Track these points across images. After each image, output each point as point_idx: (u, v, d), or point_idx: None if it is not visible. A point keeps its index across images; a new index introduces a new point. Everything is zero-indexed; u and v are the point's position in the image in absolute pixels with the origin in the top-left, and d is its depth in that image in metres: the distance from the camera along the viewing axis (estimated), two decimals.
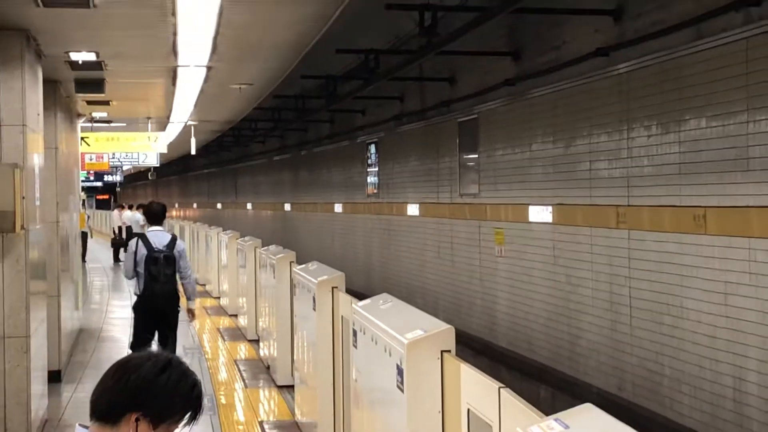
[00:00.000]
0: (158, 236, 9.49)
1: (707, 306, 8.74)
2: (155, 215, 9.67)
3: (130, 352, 9.35)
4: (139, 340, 9.36)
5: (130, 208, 30.75)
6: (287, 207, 29.39)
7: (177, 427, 2.47)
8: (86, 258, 26.72)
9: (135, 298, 9.59)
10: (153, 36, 9.08)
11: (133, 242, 9.49)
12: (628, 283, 10.15)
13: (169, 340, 9.46)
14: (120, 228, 29.96)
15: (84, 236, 25.90)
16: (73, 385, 10.56)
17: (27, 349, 7.89)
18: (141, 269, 9.32)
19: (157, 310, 9.33)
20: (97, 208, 64.32)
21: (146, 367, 2.44)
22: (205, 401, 2.58)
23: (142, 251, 9.32)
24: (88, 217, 29.11)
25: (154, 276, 9.25)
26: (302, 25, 8.78)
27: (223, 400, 9.71)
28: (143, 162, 24.23)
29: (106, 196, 72.71)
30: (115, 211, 31.42)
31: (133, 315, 9.62)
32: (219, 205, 42.14)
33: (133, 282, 9.55)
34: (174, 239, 9.57)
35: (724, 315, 8.51)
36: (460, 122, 15.05)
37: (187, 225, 26.28)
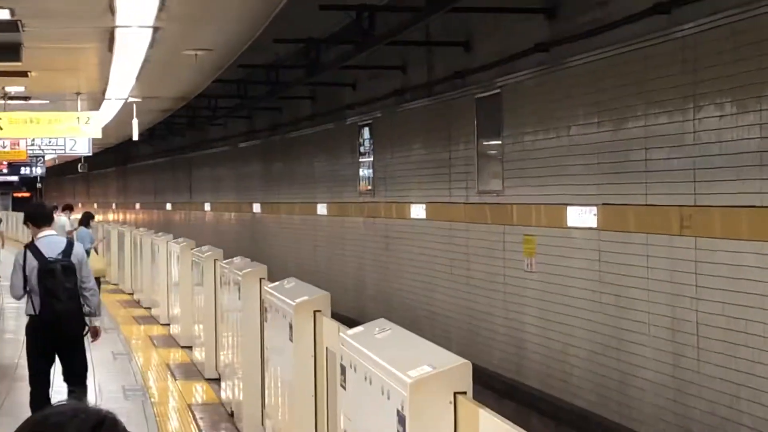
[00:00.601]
0: (51, 242, 9.54)
1: None
2: (46, 216, 9.79)
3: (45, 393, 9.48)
4: (38, 369, 9.53)
5: (55, 209, 30.43)
6: (256, 208, 29.41)
7: None
8: None
9: (27, 318, 9.63)
10: None
11: (19, 254, 9.55)
12: (695, 305, 10.14)
13: (77, 369, 9.66)
14: None
15: None
16: None
17: None
18: (35, 285, 9.34)
19: (60, 334, 9.43)
20: (14, 209, 64.25)
21: (71, 429, 2.39)
22: None
23: (33, 263, 9.36)
24: (0, 220, 29.04)
25: (52, 292, 9.28)
26: None
27: None
28: (71, 150, 24.15)
29: (27, 194, 72.56)
30: None
31: (25, 339, 9.71)
32: (168, 206, 42.16)
33: (24, 301, 9.60)
34: (71, 244, 9.67)
35: None
36: (478, 99, 15.06)
37: (127, 231, 26.29)
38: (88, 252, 21.13)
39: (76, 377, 9.61)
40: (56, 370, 9.89)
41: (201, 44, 12.57)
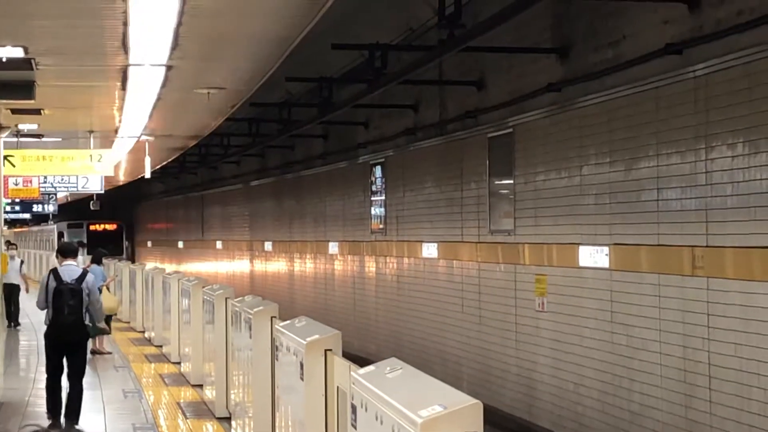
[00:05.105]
0: (70, 270, 11.90)
1: None
2: (71, 251, 12.36)
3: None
4: (52, 364, 12.07)
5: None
6: (268, 246, 29.42)
7: None
8: (18, 321, 26.15)
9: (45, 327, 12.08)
10: (98, 27, 9.12)
11: (45, 276, 12.07)
12: (707, 346, 10.11)
13: (76, 369, 11.97)
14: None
15: (12, 290, 25.23)
16: None
17: None
18: (50, 301, 11.78)
19: (64, 340, 11.88)
20: (90, 246, 46.03)
21: None
22: None
23: (52, 284, 11.74)
24: (22, 261, 28.54)
25: (59, 307, 11.69)
26: (288, 12, 8.82)
27: None
28: (83, 188, 24.21)
29: (112, 226, 50.46)
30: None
31: (44, 341, 12.29)
32: (180, 244, 42.19)
33: (45, 312, 12.05)
34: (84, 273, 12.05)
35: None
36: (491, 138, 15.07)
37: (138, 269, 26.30)
38: (99, 290, 21.13)
39: (75, 376, 11.95)
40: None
41: (213, 83, 12.61)
